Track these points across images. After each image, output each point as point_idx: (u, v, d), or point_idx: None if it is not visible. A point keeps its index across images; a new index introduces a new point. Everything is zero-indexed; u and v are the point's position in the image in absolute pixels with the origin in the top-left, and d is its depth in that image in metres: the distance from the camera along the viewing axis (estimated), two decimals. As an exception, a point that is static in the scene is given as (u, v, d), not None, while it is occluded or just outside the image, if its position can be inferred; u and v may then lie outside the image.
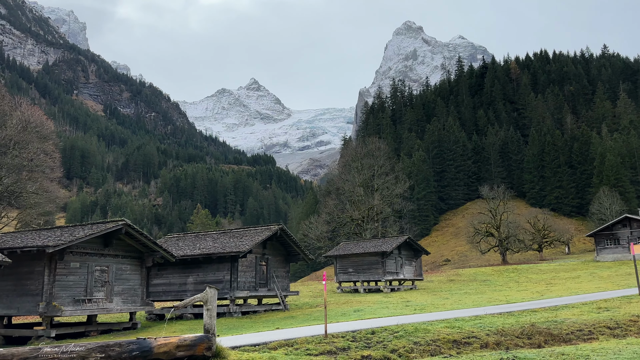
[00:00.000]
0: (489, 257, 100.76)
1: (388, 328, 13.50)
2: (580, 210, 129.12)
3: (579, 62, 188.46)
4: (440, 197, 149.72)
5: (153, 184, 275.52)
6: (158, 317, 27.44)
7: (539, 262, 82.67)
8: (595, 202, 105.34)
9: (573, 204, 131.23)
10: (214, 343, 10.17)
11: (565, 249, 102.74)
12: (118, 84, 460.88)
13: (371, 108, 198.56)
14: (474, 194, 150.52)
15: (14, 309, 20.35)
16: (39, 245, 19.21)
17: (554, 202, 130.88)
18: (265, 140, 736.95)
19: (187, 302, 10.40)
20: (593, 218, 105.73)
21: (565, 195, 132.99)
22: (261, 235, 27.39)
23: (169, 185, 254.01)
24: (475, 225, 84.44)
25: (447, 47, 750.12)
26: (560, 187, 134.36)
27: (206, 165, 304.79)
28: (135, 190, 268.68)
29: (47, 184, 36.07)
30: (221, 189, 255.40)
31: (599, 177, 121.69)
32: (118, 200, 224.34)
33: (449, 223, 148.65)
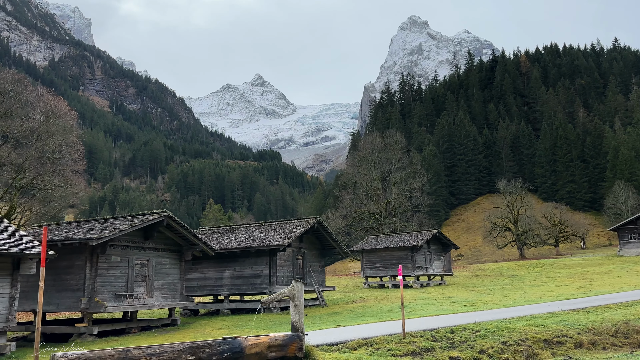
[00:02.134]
0: (503, 252, 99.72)
1: (467, 327, 12.68)
2: (593, 204, 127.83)
3: (589, 55, 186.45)
4: (451, 192, 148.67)
5: (160, 180, 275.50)
6: (193, 313, 26.72)
7: (556, 257, 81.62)
8: (610, 196, 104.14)
9: (586, 199, 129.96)
10: (304, 342, 9.34)
11: (581, 243, 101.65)
12: (124, 80, 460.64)
13: (380, 103, 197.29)
14: (485, 189, 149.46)
15: (53, 304, 19.60)
16: (81, 238, 18.43)
17: (566, 196, 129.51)
18: (270, 136, 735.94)
19: (275, 297, 9.57)
20: (608, 212, 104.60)
21: (578, 189, 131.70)
22: (299, 229, 26.58)
23: (176, 181, 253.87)
24: (492, 219, 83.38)
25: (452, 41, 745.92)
26: (573, 181, 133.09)
27: (213, 160, 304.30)
28: (143, 185, 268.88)
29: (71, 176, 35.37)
30: (228, 185, 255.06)
31: (612, 171, 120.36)
32: (126, 196, 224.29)
33: (460, 218, 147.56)
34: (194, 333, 18.66)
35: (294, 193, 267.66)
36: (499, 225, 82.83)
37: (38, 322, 7.81)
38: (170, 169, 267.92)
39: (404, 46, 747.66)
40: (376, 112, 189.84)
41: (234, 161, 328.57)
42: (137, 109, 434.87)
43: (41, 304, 8.32)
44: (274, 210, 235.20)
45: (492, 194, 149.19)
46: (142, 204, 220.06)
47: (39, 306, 8.34)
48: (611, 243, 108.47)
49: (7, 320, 15.05)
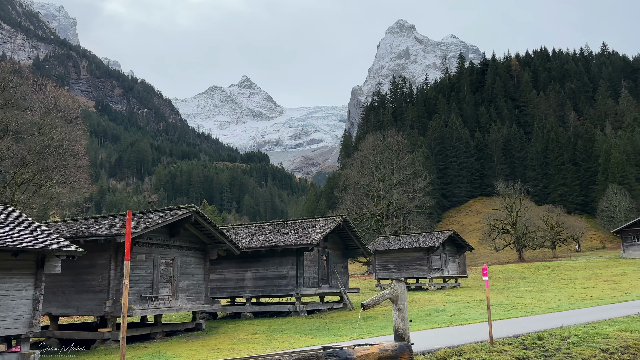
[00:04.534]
0: (499, 255, 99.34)
1: (553, 333, 11.55)
2: (585, 207, 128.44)
3: (579, 59, 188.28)
4: (443, 195, 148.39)
5: (147, 181, 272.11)
6: (211, 316, 25.20)
7: (553, 259, 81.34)
8: (604, 199, 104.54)
9: (577, 202, 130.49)
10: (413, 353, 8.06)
11: (576, 246, 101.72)
12: (110, 80, 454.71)
13: (371, 105, 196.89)
14: (477, 191, 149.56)
15: (72, 307, 17.99)
16: (108, 234, 16.87)
17: (558, 199, 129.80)
18: (257, 138, 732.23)
19: (376, 299, 8.27)
20: (602, 215, 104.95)
21: (570, 192, 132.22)
22: (326, 227, 25.23)
23: (164, 182, 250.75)
24: (491, 221, 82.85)
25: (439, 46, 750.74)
26: (565, 184, 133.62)
27: (201, 162, 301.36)
28: (129, 187, 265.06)
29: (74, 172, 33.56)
30: (217, 186, 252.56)
31: (604, 175, 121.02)
32: (112, 197, 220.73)
33: (453, 220, 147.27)
34: (228, 339, 17.24)
35: (283, 195, 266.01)
36: (497, 228, 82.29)
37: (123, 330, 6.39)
38: (158, 170, 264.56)
39: (391, 50, 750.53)
40: (367, 115, 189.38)
41: (221, 163, 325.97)
42: (123, 109, 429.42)
43: (126, 305, 6.92)
44: (262, 212, 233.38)
45: (485, 196, 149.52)
46: (129, 205, 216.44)
47: (123, 309, 6.94)
48: (605, 246, 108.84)
49: (31, 326, 13.49)
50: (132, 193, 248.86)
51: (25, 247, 12.82)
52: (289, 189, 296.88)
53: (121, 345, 6.87)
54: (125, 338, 6.86)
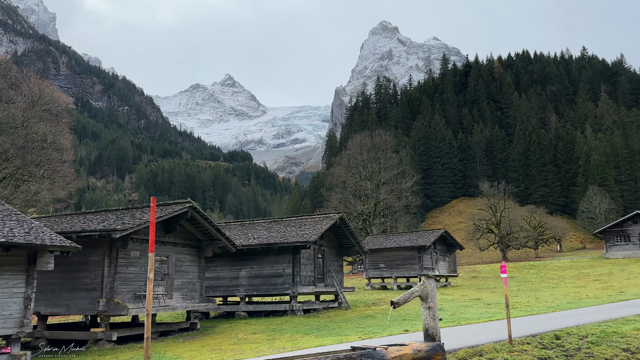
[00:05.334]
0: (482, 255, 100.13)
1: (570, 332, 11.30)
2: (565, 208, 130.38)
3: (560, 63, 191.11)
4: (427, 195, 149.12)
5: (127, 179, 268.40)
6: (204, 316, 24.55)
7: (536, 259, 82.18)
8: (584, 200, 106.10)
9: (558, 202, 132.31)
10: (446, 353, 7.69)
11: (558, 246, 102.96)
12: (90, 77, 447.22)
13: (355, 105, 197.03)
14: (460, 192, 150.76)
15: (62, 306, 17.20)
16: (103, 229, 16.15)
17: (539, 200, 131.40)
18: (240, 137, 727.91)
19: (406, 296, 7.86)
20: (582, 216, 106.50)
21: (551, 193, 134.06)
22: (323, 224, 24.74)
23: (145, 180, 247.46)
24: (475, 221, 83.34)
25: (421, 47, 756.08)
26: (546, 185, 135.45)
27: (183, 160, 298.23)
28: (110, 185, 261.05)
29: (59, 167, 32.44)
30: (199, 185, 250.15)
31: (584, 176, 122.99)
32: (92, 195, 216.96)
33: (436, 220, 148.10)
34: (227, 339, 16.69)
35: (266, 194, 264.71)
36: (482, 227, 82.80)
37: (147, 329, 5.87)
38: (139, 168, 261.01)
39: (374, 51, 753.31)
40: (352, 115, 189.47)
41: (204, 161, 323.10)
42: (104, 106, 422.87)
43: (150, 303, 6.38)
44: (246, 211, 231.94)
45: (467, 197, 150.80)
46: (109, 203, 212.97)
47: (147, 305, 6.40)
48: (585, 246, 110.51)
49: (22, 325, 12.75)
50: (112, 191, 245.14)
51: (17, 241, 12.11)
52: (272, 188, 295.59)
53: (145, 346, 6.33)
54: (149, 338, 6.33)
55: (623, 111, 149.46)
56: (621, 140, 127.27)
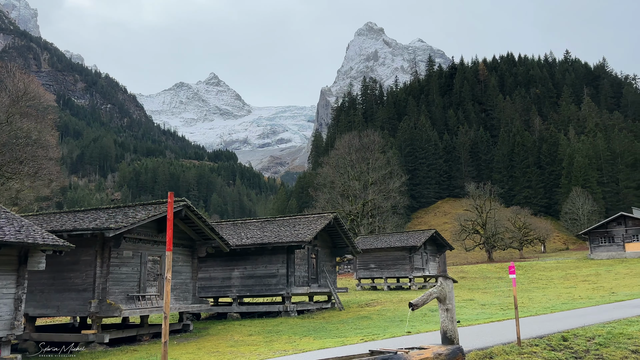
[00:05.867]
0: (467, 255, 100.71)
1: (576, 333, 11.19)
2: (549, 209, 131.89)
3: (543, 66, 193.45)
4: (412, 195, 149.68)
5: (110, 178, 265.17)
6: (195, 317, 24.07)
7: (521, 260, 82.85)
8: (568, 202, 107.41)
9: (542, 204, 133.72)
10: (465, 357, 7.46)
11: (542, 247, 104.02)
12: (72, 74, 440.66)
13: (341, 105, 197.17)
14: (445, 193, 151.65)
15: (52, 308, 16.64)
16: (96, 228, 15.64)
17: (523, 201, 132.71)
18: (225, 137, 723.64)
19: (425, 297, 7.62)
20: (566, 217, 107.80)
21: (534, 195, 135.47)
22: (317, 224, 24.44)
23: (128, 180, 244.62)
24: (462, 222, 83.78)
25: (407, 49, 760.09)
26: (529, 187, 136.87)
27: (166, 159, 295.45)
28: (92, 184, 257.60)
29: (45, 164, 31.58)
30: (184, 184, 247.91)
31: (567, 178, 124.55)
32: (74, 194, 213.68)
33: (421, 221, 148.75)
34: (223, 341, 16.31)
35: (251, 194, 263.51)
36: (468, 228, 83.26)
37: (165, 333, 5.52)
38: (122, 167, 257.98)
39: (360, 52, 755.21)
40: (338, 115, 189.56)
41: (188, 161, 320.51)
42: (86, 104, 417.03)
43: (168, 304, 6.02)
44: (231, 211, 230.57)
45: (452, 198, 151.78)
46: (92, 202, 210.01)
47: (165, 307, 6.04)
48: (568, 247, 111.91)
49: (12, 327, 12.23)
50: (94, 190, 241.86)
51: (8, 240, 11.60)
52: (257, 188, 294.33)
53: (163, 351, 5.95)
54: (167, 342, 5.97)
55: (605, 114, 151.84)
56: (603, 143, 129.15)
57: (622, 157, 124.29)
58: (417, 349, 7.19)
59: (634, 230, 59.87)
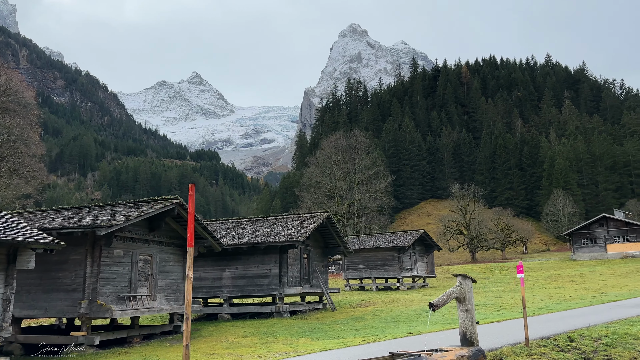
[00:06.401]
0: (451, 256, 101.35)
1: (582, 334, 11.11)
2: (530, 211, 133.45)
3: (525, 69, 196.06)
4: (396, 196, 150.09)
5: (90, 177, 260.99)
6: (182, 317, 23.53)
7: (503, 260, 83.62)
8: (549, 203, 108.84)
9: (523, 205, 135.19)
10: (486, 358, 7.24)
11: (523, 248, 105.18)
12: (52, 71, 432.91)
13: (326, 106, 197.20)
14: (428, 194, 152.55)
15: (39, 309, 16.02)
16: (87, 226, 15.08)
17: (504, 202, 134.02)
18: (207, 136, 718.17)
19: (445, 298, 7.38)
20: (547, 219, 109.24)
21: (516, 196, 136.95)
22: (310, 223, 24.12)
23: (108, 179, 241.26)
24: (446, 223, 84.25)
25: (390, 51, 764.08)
26: (511, 188, 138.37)
27: (148, 158, 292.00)
28: (71, 183, 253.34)
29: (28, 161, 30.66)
30: (165, 184, 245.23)
31: (548, 180, 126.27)
32: (53, 193, 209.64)
33: (405, 222, 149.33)
34: (218, 342, 15.91)
35: (234, 194, 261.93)
36: (452, 229, 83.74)
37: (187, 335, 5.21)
38: (102, 166, 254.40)
39: (344, 53, 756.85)
40: (323, 115, 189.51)
41: (170, 160, 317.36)
42: (66, 102, 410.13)
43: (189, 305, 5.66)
44: (213, 211, 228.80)
45: (435, 199, 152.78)
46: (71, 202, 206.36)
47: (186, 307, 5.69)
48: (549, 248, 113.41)
49: (0, 329, 11.71)
50: (74, 189, 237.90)
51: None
52: (240, 188, 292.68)
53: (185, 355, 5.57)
54: (188, 346, 5.61)
55: (585, 117, 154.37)
56: (583, 146, 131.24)
57: (601, 160, 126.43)
58: (438, 351, 6.96)
59: (616, 231, 60.81)
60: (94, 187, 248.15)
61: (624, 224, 60.75)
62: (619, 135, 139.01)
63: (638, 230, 59.19)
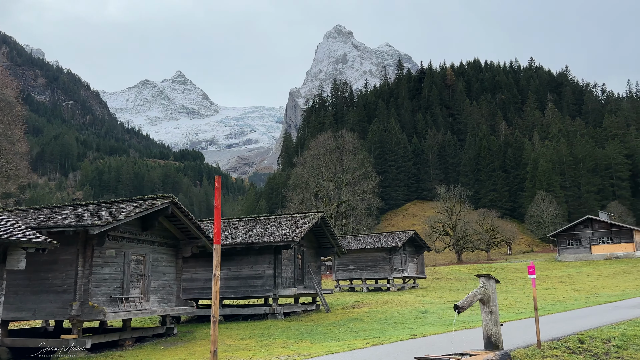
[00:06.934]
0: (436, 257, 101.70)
1: (591, 335, 10.94)
2: (513, 212, 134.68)
3: (509, 72, 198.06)
4: (382, 197, 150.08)
5: (72, 177, 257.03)
6: (175, 320, 23.00)
7: (488, 261, 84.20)
8: (533, 205, 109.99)
9: (506, 207, 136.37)
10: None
11: (507, 249, 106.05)
12: (32, 69, 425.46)
13: (312, 107, 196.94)
14: (414, 195, 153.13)
15: (28, 311, 15.36)
16: (79, 225, 14.50)
17: (488, 204, 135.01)
18: (191, 136, 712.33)
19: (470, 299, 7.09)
20: (530, 220, 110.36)
21: (500, 198, 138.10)
22: (305, 223, 23.73)
23: (90, 178, 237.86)
24: (432, 224, 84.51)
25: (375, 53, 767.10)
26: (495, 190, 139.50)
27: (130, 158, 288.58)
28: (52, 182, 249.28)
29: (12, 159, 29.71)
30: (148, 184, 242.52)
31: (531, 182, 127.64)
32: (33, 193, 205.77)
33: (390, 223, 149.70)
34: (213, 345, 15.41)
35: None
36: (438, 230, 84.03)
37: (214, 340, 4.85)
38: (84, 166, 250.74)
39: (329, 54, 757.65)
40: (308, 116, 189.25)
41: (153, 160, 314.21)
42: (47, 100, 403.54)
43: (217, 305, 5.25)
44: (197, 212, 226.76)
45: (420, 200, 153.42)
46: (52, 201, 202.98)
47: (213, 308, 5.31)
48: (532, 250, 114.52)
49: (-11, 332, 11.15)
50: (55, 189, 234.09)
51: (-13, 237, 10.50)
52: (224, 188, 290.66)
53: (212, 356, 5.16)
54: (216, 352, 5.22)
55: (567, 120, 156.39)
56: (566, 148, 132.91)
57: (583, 163, 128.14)
58: (463, 355, 6.67)
59: (600, 233, 61.50)
60: (76, 187, 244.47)
61: (608, 226, 61.47)
62: (600, 138, 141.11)
63: (622, 231, 59.96)
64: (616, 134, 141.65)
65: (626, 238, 59.01)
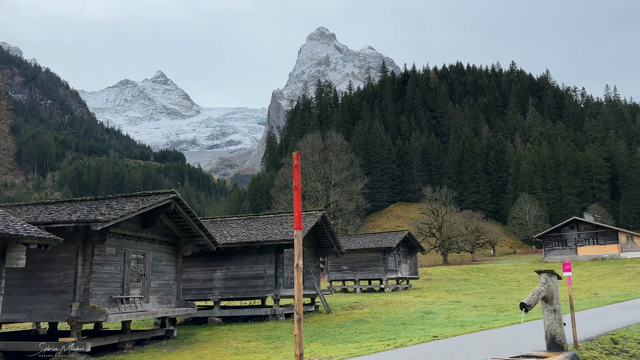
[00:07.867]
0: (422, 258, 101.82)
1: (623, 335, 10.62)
2: (495, 214, 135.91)
3: (491, 75, 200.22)
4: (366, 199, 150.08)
5: (50, 177, 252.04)
6: (171, 321, 22.16)
7: (472, 262, 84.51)
8: (515, 207, 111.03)
9: (489, 209, 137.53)
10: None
11: (491, 251, 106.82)
12: (9, 67, 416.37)
13: (296, 108, 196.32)
14: (398, 197, 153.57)
15: (22, 312, 14.48)
16: (80, 221, 13.70)
17: (471, 206, 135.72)
18: (172, 137, 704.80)
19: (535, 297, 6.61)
20: (513, 222, 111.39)
21: (482, 200, 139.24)
22: (307, 222, 23.14)
23: (69, 179, 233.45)
24: (418, 225, 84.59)
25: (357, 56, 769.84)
26: (478, 192, 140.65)
27: (110, 158, 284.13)
28: (30, 182, 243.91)
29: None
30: (129, 185, 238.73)
31: (514, 184, 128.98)
32: (10, 193, 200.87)
33: (375, 224, 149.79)
34: (221, 348, 14.78)
35: (200, 196, 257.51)
36: (424, 231, 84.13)
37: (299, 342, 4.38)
38: (63, 166, 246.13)
39: (312, 56, 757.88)
40: (293, 118, 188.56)
41: (133, 160, 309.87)
42: (24, 99, 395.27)
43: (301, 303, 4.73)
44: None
45: (404, 202, 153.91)
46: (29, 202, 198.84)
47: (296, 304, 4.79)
48: (515, 251, 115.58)
49: (-13, 335, 10.34)
50: (32, 189, 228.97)
51: (-13, 232, 9.72)
52: (206, 190, 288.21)
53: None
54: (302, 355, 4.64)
55: (549, 123, 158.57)
56: (547, 151, 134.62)
57: (564, 165, 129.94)
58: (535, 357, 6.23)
59: (586, 234, 62.16)
60: (54, 187, 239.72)
61: (594, 227, 62.16)
62: (581, 142, 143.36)
63: (608, 233, 60.68)
64: (596, 137, 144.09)
65: (611, 239, 59.72)
